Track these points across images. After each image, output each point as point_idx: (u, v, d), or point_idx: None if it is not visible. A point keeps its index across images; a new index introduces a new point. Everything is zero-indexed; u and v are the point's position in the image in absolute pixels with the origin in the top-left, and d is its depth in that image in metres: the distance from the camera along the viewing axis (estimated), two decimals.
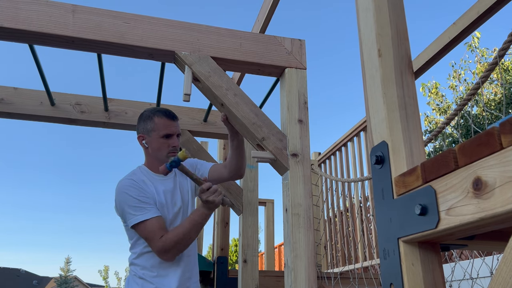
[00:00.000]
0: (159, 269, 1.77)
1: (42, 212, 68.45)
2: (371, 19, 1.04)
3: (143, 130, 1.90)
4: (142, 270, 1.77)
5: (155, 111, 1.91)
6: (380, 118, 0.95)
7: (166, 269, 1.77)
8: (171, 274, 1.77)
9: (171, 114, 1.91)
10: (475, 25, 2.06)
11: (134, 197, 1.75)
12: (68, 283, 31.99)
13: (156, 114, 1.89)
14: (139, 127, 1.92)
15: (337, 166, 3.93)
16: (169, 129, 1.87)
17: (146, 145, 1.89)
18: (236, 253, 17.53)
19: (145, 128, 1.89)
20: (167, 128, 1.87)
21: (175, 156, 1.74)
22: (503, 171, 0.61)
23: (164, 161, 1.83)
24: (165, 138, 1.86)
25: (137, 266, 1.79)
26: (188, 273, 1.83)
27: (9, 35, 1.71)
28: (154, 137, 1.87)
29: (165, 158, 1.85)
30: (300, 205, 1.71)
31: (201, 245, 4.37)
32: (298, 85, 1.90)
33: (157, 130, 1.86)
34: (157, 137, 1.86)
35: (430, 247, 0.83)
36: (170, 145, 1.86)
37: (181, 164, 1.72)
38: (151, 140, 1.87)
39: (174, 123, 1.90)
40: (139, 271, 1.78)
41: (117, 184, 1.82)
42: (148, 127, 1.88)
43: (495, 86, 9.17)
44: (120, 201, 1.78)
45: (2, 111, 2.54)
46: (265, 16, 2.58)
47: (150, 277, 1.75)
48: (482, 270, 2.44)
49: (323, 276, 2.97)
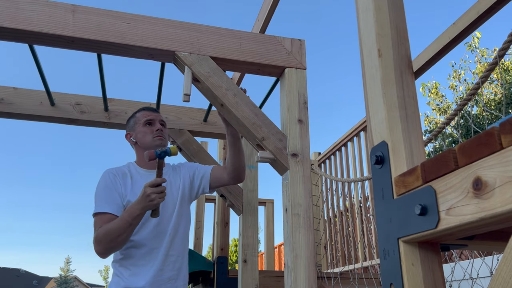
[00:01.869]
0: (135, 267, 1.77)
1: (42, 211, 68.41)
2: (371, 19, 1.04)
3: (128, 129, 2.03)
4: (120, 267, 1.80)
5: (137, 110, 2.06)
6: (380, 118, 0.95)
7: (140, 267, 1.77)
8: (143, 272, 1.76)
9: (151, 107, 2.06)
10: (475, 25, 2.06)
11: (102, 188, 1.81)
12: (68, 283, 32.00)
13: (137, 111, 2.03)
14: (126, 129, 2.04)
15: (337, 166, 3.93)
16: (150, 116, 1.98)
17: (134, 139, 1.97)
18: (236, 253, 17.53)
19: (130, 126, 2.02)
20: (146, 115, 1.98)
21: (166, 147, 1.76)
22: (503, 171, 0.61)
23: (152, 146, 1.90)
24: (148, 125, 1.96)
25: (116, 263, 1.82)
26: (169, 273, 1.80)
27: (9, 35, 1.70)
28: (138, 129, 1.97)
29: (152, 143, 1.91)
30: (300, 205, 1.71)
31: (201, 245, 4.37)
32: (298, 85, 1.90)
33: (138, 121, 1.98)
34: (140, 127, 1.96)
35: (430, 247, 0.83)
36: (153, 130, 1.95)
37: (163, 160, 1.71)
38: (136, 132, 1.97)
39: (154, 113, 2.01)
40: (117, 268, 1.81)
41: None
42: (132, 123, 2.01)
43: (495, 86, 9.17)
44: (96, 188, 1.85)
45: (2, 111, 2.54)
46: (265, 16, 2.58)
47: (125, 275, 1.76)
48: (482, 270, 2.44)
49: (323, 276, 2.97)
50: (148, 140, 1.93)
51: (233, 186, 2.77)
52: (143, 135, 1.94)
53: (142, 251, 1.79)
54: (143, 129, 1.95)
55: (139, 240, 1.80)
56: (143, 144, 1.94)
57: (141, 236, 1.80)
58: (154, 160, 1.75)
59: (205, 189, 2.03)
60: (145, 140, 1.93)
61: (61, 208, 69.80)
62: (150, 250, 1.80)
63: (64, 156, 68.11)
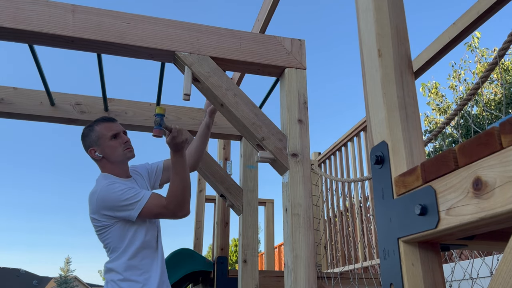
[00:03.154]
0: (145, 266, 1.82)
1: (42, 212, 68.46)
2: (371, 19, 1.04)
3: (90, 143, 1.93)
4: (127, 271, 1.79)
5: (93, 122, 1.98)
6: (380, 118, 0.95)
7: (149, 265, 1.83)
8: (153, 270, 1.83)
9: (108, 117, 2.02)
10: (475, 25, 2.06)
11: (123, 188, 1.78)
12: (68, 283, 32.01)
13: (95, 124, 1.96)
14: (85, 144, 1.95)
15: (337, 166, 3.92)
16: (113, 129, 1.94)
17: (100, 154, 1.91)
18: (236, 253, 17.53)
19: (92, 141, 1.93)
20: (110, 129, 1.93)
21: (155, 115, 1.76)
22: (503, 171, 0.61)
23: (124, 159, 1.92)
24: (114, 138, 1.92)
25: (116, 273, 1.80)
26: (163, 267, 1.90)
27: (9, 35, 1.70)
28: (103, 143, 1.91)
29: (124, 157, 1.92)
30: (300, 205, 1.71)
31: (201, 245, 4.36)
32: (298, 85, 1.90)
33: (103, 136, 1.91)
34: (106, 141, 1.91)
35: (430, 247, 0.83)
36: (121, 143, 1.93)
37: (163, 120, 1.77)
38: (103, 147, 1.91)
39: (114, 124, 1.97)
40: (124, 272, 1.79)
41: (95, 196, 1.80)
42: (94, 137, 1.92)
43: (495, 86, 9.17)
44: (111, 206, 1.77)
45: (2, 111, 2.54)
46: (265, 16, 2.58)
47: (137, 279, 1.78)
48: (482, 270, 2.44)
49: (323, 276, 2.97)
50: (119, 153, 1.91)
51: (233, 186, 2.77)
52: (113, 150, 1.91)
53: (149, 251, 1.86)
54: (111, 143, 1.91)
55: (149, 239, 1.86)
56: (113, 158, 1.91)
57: (148, 236, 1.86)
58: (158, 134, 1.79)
59: (156, 182, 2.13)
60: (115, 154, 1.91)
61: (61, 208, 69.88)
62: (154, 249, 1.88)
63: (64, 156, 68.16)
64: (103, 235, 1.82)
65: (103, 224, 1.80)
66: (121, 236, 1.80)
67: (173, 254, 3.36)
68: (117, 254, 1.80)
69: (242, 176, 2.83)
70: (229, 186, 2.77)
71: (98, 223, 1.81)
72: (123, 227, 1.80)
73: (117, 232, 1.80)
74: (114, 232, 1.80)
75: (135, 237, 1.81)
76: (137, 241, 1.81)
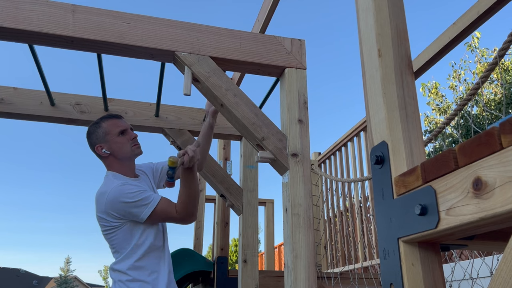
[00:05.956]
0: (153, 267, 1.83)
1: (42, 211, 68.49)
2: (371, 19, 1.04)
3: (97, 140, 1.90)
4: (135, 271, 1.79)
5: (99, 119, 1.96)
6: (380, 118, 0.95)
7: (157, 266, 1.84)
8: (161, 269, 1.84)
9: (114, 114, 2.00)
10: (475, 25, 2.06)
11: (136, 191, 1.77)
12: (68, 283, 32.01)
13: (101, 121, 1.94)
14: (92, 141, 1.92)
15: (337, 166, 3.93)
16: (120, 125, 1.93)
17: (108, 151, 1.89)
18: (236, 253, 17.53)
19: (98, 137, 1.90)
20: (118, 125, 1.92)
21: (168, 169, 1.76)
22: (503, 171, 0.61)
23: (132, 155, 1.92)
24: (122, 134, 1.91)
25: (124, 274, 1.80)
26: (170, 266, 1.91)
27: (9, 35, 1.70)
28: (111, 140, 1.89)
29: (132, 153, 1.91)
30: (300, 205, 1.71)
31: (201, 245, 4.36)
32: (298, 85, 1.90)
33: (110, 132, 1.90)
34: (114, 137, 1.89)
35: (430, 247, 0.83)
36: (129, 139, 1.91)
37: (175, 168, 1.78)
38: (110, 143, 1.89)
39: (121, 120, 1.96)
40: (132, 273, 1.78)
41: (105, 196, 1.78)
42: (101, 134, 1.90)
43: (495, 86, 9.17)
44: (122, 207, 1.75)
45: (2, 111, 2.54)
46: (265, 16, 2.58)
47: (146, 279, 1.78)
48: (482, 270, 2.44)
49: (323, 276, 2.97)
50: (127, 150, 1.90)
51: (233, 186, 2.77)
52: (121, 146, 1.89)
53: (157, 251, 1.87)
54: (118, 140, 1.89)
55: (157, 240, 1.86)
56: (121, 155, 1.90)
57: (155, 236, 1.86)
58: (170, 186, 1.85)
59: (161, 182, 2.14)
60: (123, 150, 1.89)
61: (61, 208, 69.87)
62: (161, 249, 1.88)
63: (65, 156, 68.16)
64: (110, 236, 1.81)
65: (111, 224, 1.78)
66: (128, 237, 1.79)
67: (173, 254, 3.36)
68: (124, 254, 1.79)
69: (242, 176, 2.83)
70: (229, 186, 2.77)
71: (106, 223, 1.79)
72: (131, 228, 1.79)
73: (125, 233, 1.79)
74: (122, 233, 1.79)
75: (142, 238, 1.81)
76: (145, 242, 1.81)
